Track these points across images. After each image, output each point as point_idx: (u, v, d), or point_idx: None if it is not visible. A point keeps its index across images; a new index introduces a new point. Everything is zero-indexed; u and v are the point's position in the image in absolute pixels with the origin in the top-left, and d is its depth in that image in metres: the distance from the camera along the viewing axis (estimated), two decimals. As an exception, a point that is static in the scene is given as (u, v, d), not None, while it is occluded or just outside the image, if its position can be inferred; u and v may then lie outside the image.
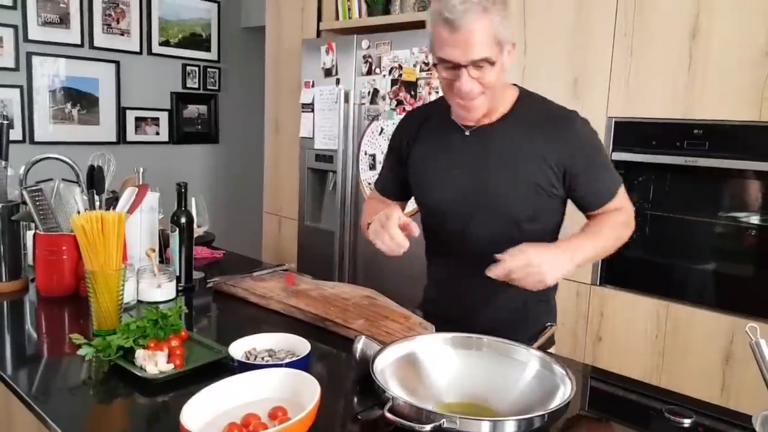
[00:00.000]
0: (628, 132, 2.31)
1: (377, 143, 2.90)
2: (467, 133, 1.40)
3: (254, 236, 4.17)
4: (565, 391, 1.01)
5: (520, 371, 1.12)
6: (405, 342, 1.17)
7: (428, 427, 0.89)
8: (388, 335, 1.36)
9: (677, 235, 2.26)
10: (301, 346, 1.23)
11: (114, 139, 4.03)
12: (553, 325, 1.32)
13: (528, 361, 1.13)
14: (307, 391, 1.02)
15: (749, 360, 2.04)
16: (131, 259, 1.79)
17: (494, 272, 1.19)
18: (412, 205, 1.65)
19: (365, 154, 2.96)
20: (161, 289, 1.66)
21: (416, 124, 1.51)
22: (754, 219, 2.08)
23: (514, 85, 1.45)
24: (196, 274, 1.87)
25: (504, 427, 0.91)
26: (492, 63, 1.23)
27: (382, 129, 2.87)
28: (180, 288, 1.76)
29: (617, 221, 1.38)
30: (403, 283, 2.77)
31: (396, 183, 1.57)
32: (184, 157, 4.44)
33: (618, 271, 2.38)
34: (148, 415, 1.11)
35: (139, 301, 1.65)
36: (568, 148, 1.34)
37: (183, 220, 1.76)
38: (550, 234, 1.44)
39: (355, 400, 1.18)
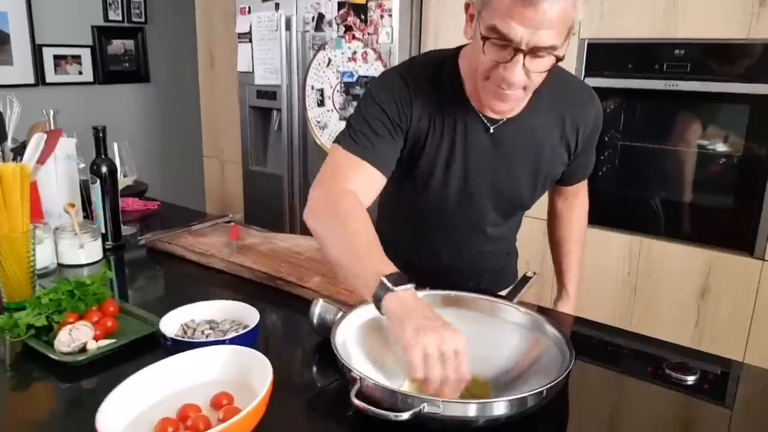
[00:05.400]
0: (602, 55, 2.17)
1: (325, 76, 2.66)
2: (491, 130, 1.17)
3: (195, 185, 3.90)
4: (564, 359, 0.86)
5: (509, 333, 0.98)
6: (370, 304, 0.99)
7: (405, 414, 0.74)
8: (349, 294, 1.20)
9: (650, 167, 2.16)
10: (249, 314, 1.06)
11: (32, 81, 3.65)
12: (535, 274, 1.18)
13: (516, 320, 0.99)
14: (257, 370, 0.85)
15: (725, 294, 2.00)
16: (48, 217, 1.57)
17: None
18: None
19: (312, 88, 2.72)
20: (84, 251, 1.45)
21: (411, 96, 1.17)
22: (735, 147, 1.98)
23: None
24: (126, 230, 1.66)
25: (493, 409, 0.77)
26: (553, 54, 0.98)
27: (329, 60, 2.62)
28: (107, 247, 1.56)
29: (584, 226, 1.50)
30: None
31: (393, 158, 1.19)
32: (112, 98, 4.08)
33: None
34: (69, 402, 0.95)
35: (60, 265, 1.45)
36: (584, 129, 1.24)
37: (104, 169, 1.53)
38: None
39: (314, 370, 1.05)
